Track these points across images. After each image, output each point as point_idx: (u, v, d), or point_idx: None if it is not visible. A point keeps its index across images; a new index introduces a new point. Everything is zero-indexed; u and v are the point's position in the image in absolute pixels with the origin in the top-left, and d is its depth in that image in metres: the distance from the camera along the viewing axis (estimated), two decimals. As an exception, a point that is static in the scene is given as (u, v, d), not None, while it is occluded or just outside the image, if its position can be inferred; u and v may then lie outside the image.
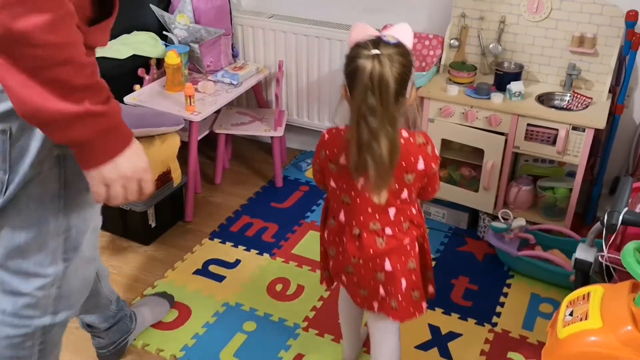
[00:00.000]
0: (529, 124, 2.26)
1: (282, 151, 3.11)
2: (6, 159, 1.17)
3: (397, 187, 1.47)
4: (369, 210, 1.50)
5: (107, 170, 1.11)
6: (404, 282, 1.55)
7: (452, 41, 2.54)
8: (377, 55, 1.31)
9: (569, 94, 2.35)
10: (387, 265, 1.53)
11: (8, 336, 1.35)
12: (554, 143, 2.25)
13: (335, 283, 1.76)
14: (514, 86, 2.31)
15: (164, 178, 2.46)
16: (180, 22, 2.78)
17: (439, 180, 1.57)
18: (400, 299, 1.56)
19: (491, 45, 2.49)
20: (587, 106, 2.27)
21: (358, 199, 1.50)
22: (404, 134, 1.46)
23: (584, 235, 2.35)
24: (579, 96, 2.31)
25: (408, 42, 1.40)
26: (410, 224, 1.54)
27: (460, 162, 2.54)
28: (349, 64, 1.36)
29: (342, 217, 1.55)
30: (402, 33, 1.39)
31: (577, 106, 2.29)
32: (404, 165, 1.45)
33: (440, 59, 2.58)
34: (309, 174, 3.04)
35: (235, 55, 3.01)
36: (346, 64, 1.38)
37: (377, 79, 1.31)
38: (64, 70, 0.99)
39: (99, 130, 1.06)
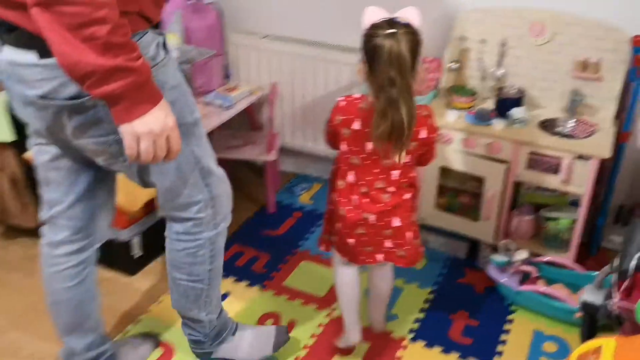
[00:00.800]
0: (531, 152, 2.17)
1: (275, 175, 3.00)
2: (111, 120, 1.27)
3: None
4: (376, 171, 1.71)
5: (138, 124, 1.21)
6: (408, 235, 1.78)
7: (451, 64, 2.45)
8: (394, 33, 1.52)
9: (572, 121, 2.26)
10: (396, 222, 1.75)
11: (185, 248, 1.67)
12: (557, 172, 2.16)
13: (332, 247, 1.90)
14: (516, 112, 2.22)
15: (151, 205, 2.36)
16: (171, 42, 2.69)
17: (436, 149, 1.80)
18: (406, 247, 1.79)
19: (492, 69, 2.40)
20: (591, 133, 2.18)
21: (366, 161, 1.70)
22: None
23: (589, 266, 2.27)
24: (583, 123, 2.23)
25: (416, 22, 1.59)
26: (410, 183, 1.76)
27: (460, 190, 2.44)
28: (367, 42, 1.57)
29: (350, 177, 1.74)
30: (410, 15, 1.59)
31: (581, 133, 2.20)
32: None
33: (438, 82, 2.50)
34: (303, 199, 2.95)
35: (227, 76, 2.92)
36: (364, 42, 1.58)
37: (396, 55, 1.51)
38: (101, 28, 1.10)
39: (131, 85, 1.16)
